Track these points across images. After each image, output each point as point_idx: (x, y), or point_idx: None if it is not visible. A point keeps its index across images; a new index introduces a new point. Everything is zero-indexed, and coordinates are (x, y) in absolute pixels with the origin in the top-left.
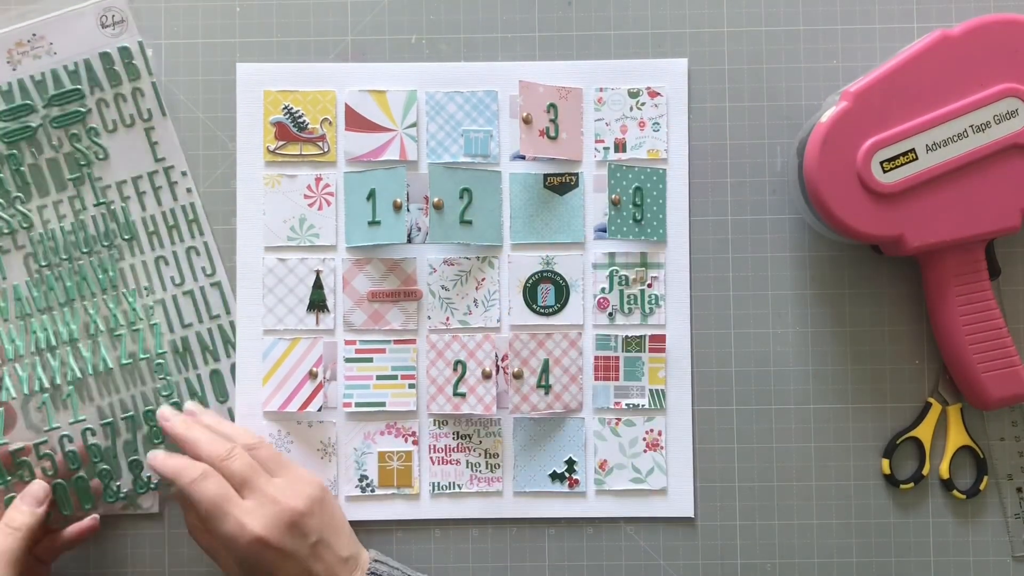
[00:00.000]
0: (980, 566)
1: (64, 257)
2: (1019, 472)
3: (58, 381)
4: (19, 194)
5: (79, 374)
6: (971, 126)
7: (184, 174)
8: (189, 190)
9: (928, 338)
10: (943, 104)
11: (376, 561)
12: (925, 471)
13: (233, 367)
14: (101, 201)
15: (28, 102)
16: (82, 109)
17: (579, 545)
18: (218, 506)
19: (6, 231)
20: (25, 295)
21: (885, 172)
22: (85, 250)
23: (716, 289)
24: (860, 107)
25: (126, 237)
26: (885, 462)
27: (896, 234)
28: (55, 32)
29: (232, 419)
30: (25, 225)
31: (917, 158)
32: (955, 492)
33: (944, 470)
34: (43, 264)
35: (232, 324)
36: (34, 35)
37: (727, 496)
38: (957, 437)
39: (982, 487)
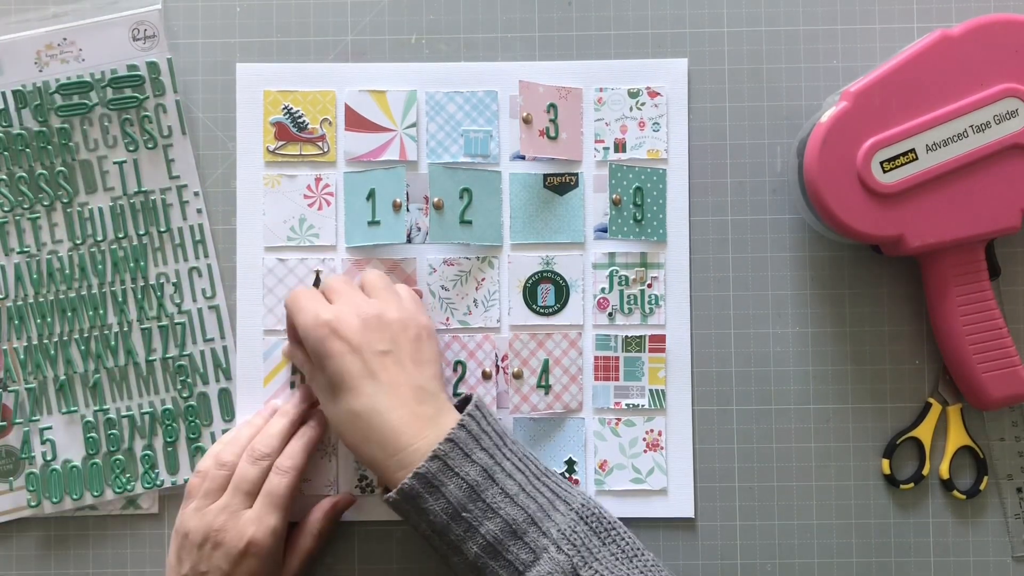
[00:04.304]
0: (980, 566)
1: (99, 239)
2: (1019, 472)
3: (54, 374)
4: (63, 168)
5: (72, 371)
6: (971, 126)
7: (196, 194)
8: (199, 211)
9: (928, 338)
10: (943, 104)
11: (469, 415)
12: (925, 471)
13: (221, 392)
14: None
15: (86, 80)
16: (140, 96)
17: None
18: (300, 297)
19: (46, 203)
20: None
21: (885, 172)
22: (121, 235)
23: (716, 289)
24: (860, 107)
25: (151, 244)
26: (885, 462)
27: (896, 234)
28: (86, 39)
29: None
30: (65, 200)
31: (917, 158)
32: (955, 492)
33: (944, 470)
34: (78, 242)
35: (225, 349)
36: (64, 39)
37: (727, 496)
38: (957, 437)
39: (982, 487)
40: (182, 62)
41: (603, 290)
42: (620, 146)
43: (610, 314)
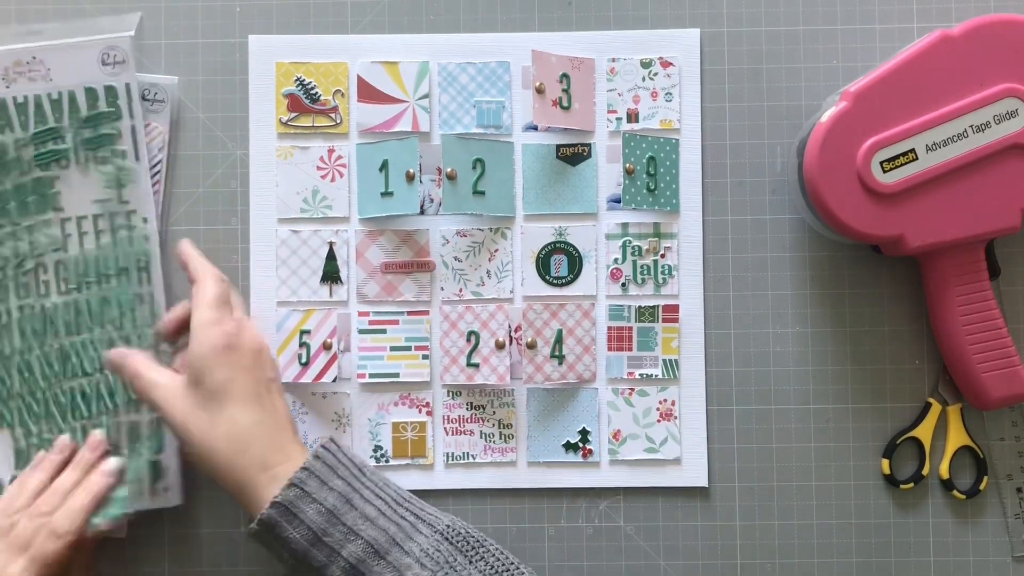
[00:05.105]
0: (980, 566)
1: (90, 280)
2: (1019, 472)
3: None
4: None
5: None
6: (971, 126)
7: (145, 221)
8: (147, 238)
9: (928, 338)
10: (943, 104)
11: (324, 447)
12: (925, 471)
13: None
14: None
15: (58, 126)
16: (113, 132)
17: (579, 545)
18: (201, 291)
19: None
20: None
21: (885, 172)
22: (107, 270)
23: (716, 289)
24: (860, 107)
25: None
26: (885, 462)
27: (896, 234)
28: (55, 59)
29: None
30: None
31: (917, 158)
32: (955, 492)
33: (944, 470)
34: (66, 284)
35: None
36: (34, 58)
37: (727, 497)
38: (957, 437)
39: (982, 487)
40: (182, 62)
41: (616, 260)
42: (633, 116)
43: (623, 284)
